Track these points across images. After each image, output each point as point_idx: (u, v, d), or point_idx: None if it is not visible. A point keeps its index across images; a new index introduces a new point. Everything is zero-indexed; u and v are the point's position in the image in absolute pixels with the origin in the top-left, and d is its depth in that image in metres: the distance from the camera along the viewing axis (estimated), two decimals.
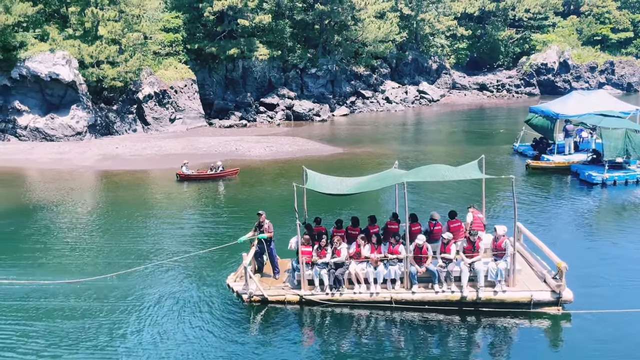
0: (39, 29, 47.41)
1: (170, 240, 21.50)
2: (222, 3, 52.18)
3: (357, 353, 12.30)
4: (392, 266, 14.19)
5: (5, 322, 14.37)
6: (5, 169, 36.56)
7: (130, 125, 49.81)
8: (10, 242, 21.94)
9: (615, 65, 74.72)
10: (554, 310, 13.21)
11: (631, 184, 26.06)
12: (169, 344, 12.86)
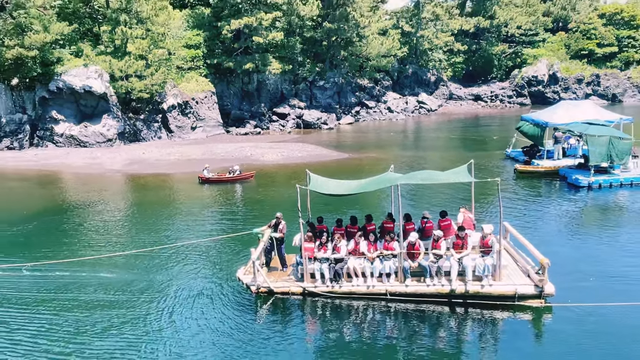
0: (74, 46, 47.84)
1: (191, 234, 21.45)
2: (239, 22, 52.33)
3: (354, 341, 12.34)
4: (387, 261, 14.18)
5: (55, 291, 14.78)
6: (43, 172, 36.94)
7: (155, 132, 49.97)
8: (51, 234, 22.31)
9: (601, 77, 74.10)
10: (537, 303, 13.24)
11: (615, 187, 25.81)
12: (184, 328, 13.09)
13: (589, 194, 25.10)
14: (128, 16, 47.57)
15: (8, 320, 13.96)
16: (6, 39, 42.63)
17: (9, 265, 17.68)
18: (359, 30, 60.79)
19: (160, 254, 18.76)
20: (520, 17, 75.53)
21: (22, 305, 14.83)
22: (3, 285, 16.42)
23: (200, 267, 17.35)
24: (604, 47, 75.13)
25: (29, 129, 45.89)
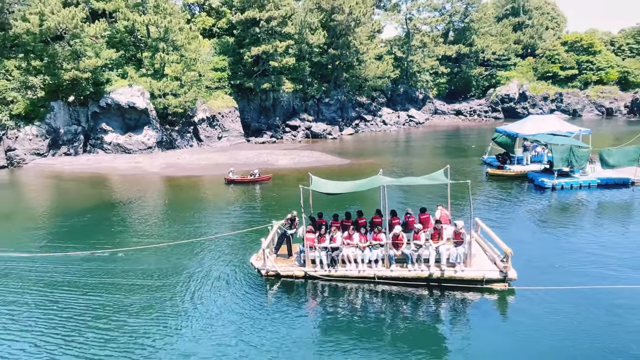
0: (121, 69, 48.14)
1: (217, 226, 21.58)
2: (258, 49, 52.50)
3: (347, 316, 12.41)
4: (375, 250, 14.33)
5: (96, 275, 14.82)
6: (94, 174, 37.23)
7: (187, 141, 50.15)
8: (101, 226, 22.51)
9: (563, 95, 73.60)
10: (501, 286, 13.40)
11: (575, 189, 25.69)
12: (206, 305, 13.20)
13: (553, 194, 24.97)
14: (165, 44, 47.85)
15: (60, 300, 14.07)
16: (64, 63, 42.86)
17: (108, 250, 17.76)
18: (359, 56, 60.75)
19: (191, 243, 18.79)
20: (494, 45, 75.19)
21: (73, 287, 14.93)
22: (58, 270, 16.53)
23: (222, 254, 17.41)
24: (566, 70, 74.62)
25: (83, 138, 46.30)
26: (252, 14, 52.08)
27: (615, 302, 12.32)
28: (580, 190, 25.68)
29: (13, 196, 31.34)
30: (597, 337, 10.79)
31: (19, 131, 43.15)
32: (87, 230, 21.80)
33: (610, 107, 72.79)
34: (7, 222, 24.17)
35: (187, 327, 11.91)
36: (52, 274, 15.98)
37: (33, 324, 12.48)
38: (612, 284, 13.31)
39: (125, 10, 47.27)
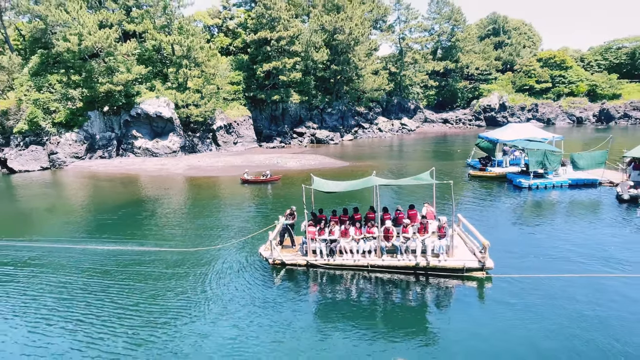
0: (149, 82, 48.44)
1: (233, 220, 21.52)
2: (269, 65, 52.81)
3: (344, 300, 12.44)
4: (368, 242, 14.35)
5: (122, 272, 14.80)
6: (126, 175, 37.38)
7: (207, 146, 50.35)
8: (132, 220, 22.61)
9: (539, 106, 73.29)
10: (480, 274, 13.39)
11: (549, 188, 25.51)
12: (220, 289, 13.25)
13: (529, 193, 24.74)
14: (188, 61, 48.01)
15: (95, 285, 14.15)
16: (100, 78, 43.23)
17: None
18: (357, 71, 60.82)
19: (211, 236, 18.87)
20: (478, 61, 74.94)
21: (107, 275, 15.01)
22: (95, 259, 16.61)
23: (236, 245, 17.44)
24: (541, 83, 74.36)
25: (116, 143, 46.47)
26: (264, 35, 52.49)
27: (581, 289, 12.29)
28: (553, 189, 25.47)
29: (55, 194, 31.43)
30: (562, 319, 10.81)
31: (60, 137, 43.45)
32: (120, 223, 21.87)
33: (580, 116, 72.43)
34: (50, 216, 24.40)
35: (207, 310, 11.95)
36: (88, 263, 16.07)
37: (72, 305, 12.61)
38: (579, 273, 13.28)
39: (153, 32, 47.61)
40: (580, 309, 11.28)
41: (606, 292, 12.12)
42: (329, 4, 57.90)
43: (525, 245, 16.17)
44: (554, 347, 9.67)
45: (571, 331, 10.29)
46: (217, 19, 63.69)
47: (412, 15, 71.89)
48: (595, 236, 16.93)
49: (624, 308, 11.26)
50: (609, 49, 79.04)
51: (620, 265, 13.91)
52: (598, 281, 12.80)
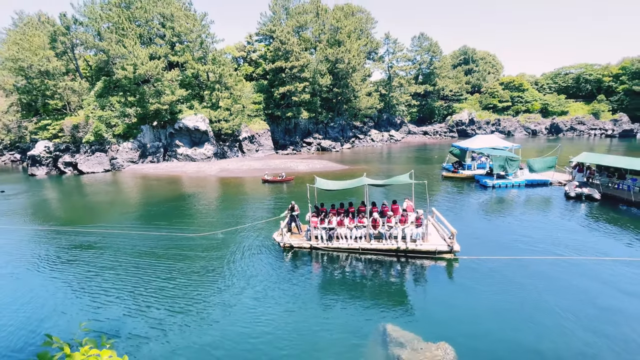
0: (189, 102, 48.56)
1: (255, 210, 21.56)
2: (284, 89, 52.89)
3: (339, 276, 12.41)
4: (360, 229, 14.43)
5: (158, 257, 14.80)
6: (170, 176, 37.47)
7: (235, 153, 50.39)
8: (174, 212, 22.48)
9: (501, 120, 72.42)
10: (449, 256, 13.33)
11: (509, 187, 25.24)
12: (241, 266, 13.22)
13: (493, 191, 24.51)
14: (220, 85, 48.26)
15: (144, 265, 14.14)
16: (150, 99, 43.50)
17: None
18: (354, 93, 60.59)
19: (235, 225, 18.83)
20: (451, 85, 74.26)
21: (154, 256, 14.94)
22: (145, 243, 16.59)
23: (257, 232, 17.42)
24: (502, 102, 73.50)
25: (162, 151, 46.64)
26: (279, 64, 52.53)
27: (530, 268, 12.22)
28: (512, 188, 25.24)
29: (115, 191, 31.64)
30: (514, 290, 10.80)
31: (119, 146, 43.82)
32: (166, 213, 21.99)
33: (534, 129, 71.46)
34: (110, 208, 24.60)
35: (231, 286, 11.94)
36: (140, 245, 16.20)
37: (126, 280, 12.68)
38: (530, 255, 13.17)
39: (192, 62, 47.86)
40: (527, 283, 11.23)
41: (551, 271, 12.02)
42: (331, 40, 57.80)
43: (488, 233, 16.06)
44: (507, 311, 9.72)
45: (521, 298, 10.30)
46: (242, 51, 63.90)
47: (399, 48, 71.36)
48: (546, 226, 16.78)
49: (563, 282, 11.22)
50: (558, 74, 77.95)
51: (566, 249, 13.75)
52: (545, 262, 12.67)
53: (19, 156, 54.99)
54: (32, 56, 42.07)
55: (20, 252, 15.94)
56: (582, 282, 11.12)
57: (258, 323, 9.70)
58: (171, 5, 47.75)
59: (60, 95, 44.71)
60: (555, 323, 9.15)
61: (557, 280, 11.35)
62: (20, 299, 11.51)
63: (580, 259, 12.80)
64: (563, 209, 19.54)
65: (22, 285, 12.58)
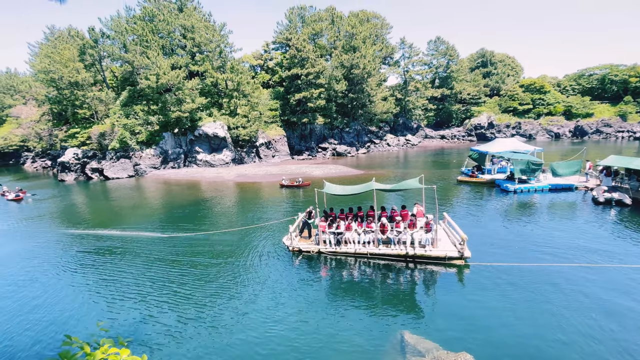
0: (208, 110, 49.62)
1: (271, 213, 21.86)
2: (299, 95, 53.36)
3: (347, 280, 12.41)
4: (368, 234, 14.26)
5: (175, 254, 15.12)
6: (190, 181, 38.29)
7: (252, 158, 51.09)
8: (196, 214, 22.95)
9: (522, 123, 70.65)
10: (460, 262, 13.14)
11: (531, 192, 24.32)
12: (252, 269, 13.43)
13: (514, 196, 23.68)
14: (238, 93, 49.38)
15: (164, 266, 14.49)
16: (172, 107, 44.82)
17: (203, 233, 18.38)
18: (370, 98, 60.43)
19: (252, 227, 19.13)
20: (469, 88, 73.18)
21: (175, 258, 15.37)
22: (166, 244, 17.08)
23: (269, 235, 17.62)
24: (523, 105, 71.83)
25: (183, 157, 47.65)
26: (295, 71, 53.20)
27: (552, 276, 11.79)
28: (535, 193, 24.25)
29: (138, 195, 32.57)
30: (533, 300, 10.57)
31: (142, 152, 45.36)
32: (186, 216, 22.57)
33: (558, 132, 69.37)
34: (134, 211, 25.43)
35: (243, 292, 12.06)
36: (158, 249, 16.75)
37: (144, 284, 13.19)
38: (544, 263, 12.77)
39: (212, 71, 49.16)
40: (544, 290, 10.96)
41: (574, 279, 11.53)
42: (347, 46, 58.06)
43: (506, 239, 15.47)
44: (521, 319, 9.53)
45: (536, 306, 10.07)
46: (259, 60, 65.15)
47: (414, 53, 71.01)
48: (571, 232, 15.92)
49: (586, 291, 10.74)
50: (582, 76, 75.47)
51: (591, 256, 13.12)
52: (562, 269, 12.29)
53: (50, 163, 58.06)
54: (63, 68, 44.60)
55: (47, 255, 16.81)
56: (608, 292, 10.66)
57: (272, 328, 9.77)
58: (192, 17, 49.49)
59: (88, 105, 46.97)
60: (578, 334, 8.78)
61: (579, 289, 10.90)
62: (45, 299, 12.17)
63: (607, 266, 12.21)
64: (591, 215, 18.53)
65: (46, 286, 13.30)
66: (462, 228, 14.83)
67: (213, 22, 52.19)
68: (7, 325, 10.69)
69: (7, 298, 12.53)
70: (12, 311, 11.51)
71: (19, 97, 69.24)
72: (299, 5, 59.82)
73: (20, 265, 15.59)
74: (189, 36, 48.42)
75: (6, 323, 10.80)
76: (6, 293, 12.96)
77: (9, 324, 10.76)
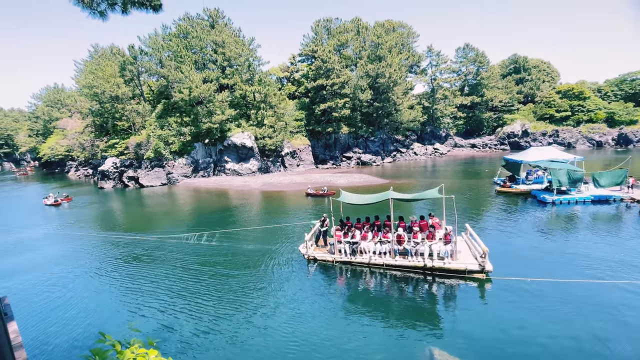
0: (237, 121, 51.09)
1: (297, 220, 22.18)
2: (324, 105, 54.05)
3: (362, 291, 12.43)
4: (384, 244, 14.14)
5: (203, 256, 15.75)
6: (219, 189, 39.38)
7: (277, 168, 51.83)
8: (225, 219, 23.94)
9: (559, 131, 67.24)
10: (480, 276, 12.85)
11: (572, 203, 22.96)
12: (270, 274, 13.75)
13: (553, 208, 22.44)
14: (265, 105, 50.82)
15: (190, 266, 15.19)
16: (203, 119, 46.80)
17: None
18: (396, 107, 59.98)
19: (275, 231, 19.55)
20: (501, 95, 70.90)
21: (200, 257, 15.97)
22: (195, 246, 17.82)
23: (283, 241, 17.85)
24: (560, 112, 68.56)
25: (213, 166, 49.18)
26: (321, 82, 54.05)
27: (581, 293, 11.30)
28: (576, 205, 22.94)
29: (171, 202, 33.94)
30: (546, 315, 10.29)
31: (175, 162, 47.57)
32: (214, 223, 23.36)
33: (600, 140, 65.42)
34: (167, 217, 26.68)
35: (259, 296, 12.36)
36: (188, 254, 17.51)
37: (174, 288, 13.90)
38: (578, 279, 12.12)
39: (241, 84, 50.89)
40: (564, 310, 10.49)
41: (606, 297, 10.88)
42: (372, 55, 58.37)
43: (539, 253, 14.75)
44: (540, 337, 9.26)
45: (564, 324, 9.69)
46: (286, 72, 66.80)
47: (442, 60, 70.10)
48: (612, 247, 14.93)
49: (621, 310, 10.21)
50: (624, 81, 71.09)
51: (633, 273, 12.33)
52: (598, 286, 11.57)
53: (91, 171, 62.35)
54: (105, 83, 48.21)
55: (85, 257, 18.06)
56: None
57: (294, 339, 9.84)
58: (223, 32, 51.99)
59: (127, 117, 50.18)
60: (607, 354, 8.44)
61: (613, 308, 10.37)
62: (81, 300, 13.13)
63: None
64: (638, 229, 17.21)
65: (83, 286, 14.32)
66: (492, 241, 14.38)
67: (242, 37, 54.47)
68: (46, 321, 11.65)
69: (47, 296, 13.66)
70: (52, 309, 12.53)
71: (65, 111, 75.27)
72: (325, 18, 61.18)
73: (60, 267, 16.91)
74: (220, 51, 50.73)
75: (45, 319, 11.79)
76: (47, 292, 14.13)
77: (48, 320, 11.73)
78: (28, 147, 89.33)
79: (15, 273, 16.32)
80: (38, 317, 12.04)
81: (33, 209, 35.42)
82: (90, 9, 7.28)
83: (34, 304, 13.05)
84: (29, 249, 20.31)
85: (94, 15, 7.41)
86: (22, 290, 14.33)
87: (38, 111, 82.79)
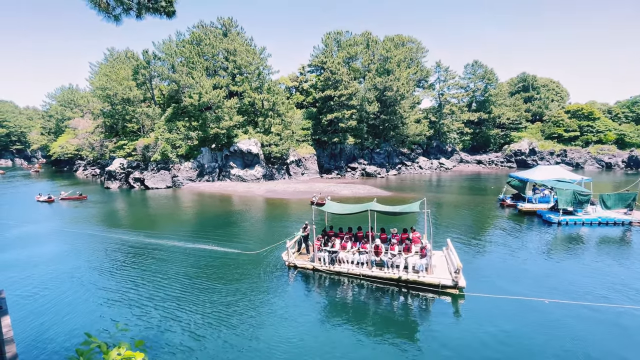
0: (244, 127, 51.84)
1: (295, 230, 21.53)
2: (331, 115, 54.68)
3: (339, 299, 12.49)
4: (362, 255, 14.20)
5: (205, 270, 15.96)
6: (223, 194, 39.94)
7: (282, 175, 52.25)
8: (226, 226, 23.89)
9: (567, 151, 67.01)
10: (453, 291, 12.72)
11: (578, 225, 22.77)
12: (254, 280, 13.93)
13: (558, 228, 22.13)
14: (273, 112, 51.67)
15: (191, 274, 15.34)
16: (211, 124, 47.64)
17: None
18: (402, 120, 60.34)
19: (272, 237, 19.59)
20: (509, 113, 71.14)
21: (195, 267, 16.18)
22: (194, 253, 17.94)
23: (278, 249, 17.83)
24: (569, 132, 68.47)
25: (218, 171, 49.83)
26: (329, 93, 54.89)
27: (559, 314, 11.20)
28: (582, 226, 22.63)
29: (174, 205, 33.97)
30: (520, 332, 10.33)
31: (181, 165, 48.31)
32: (216, 227, 23.51)
33: (609, 161, 64.94)
34: (169, 220, 26.92)
35: (247, 302, 12.46)
36: (184, 258, 17.56)
37: (167, 290, 14.07)
38: (564, 300, 11.97)
39: (250, 91, 52.00)
40: (531, 331, 10.42)
41: (593, 319, 10.82)
42: (381, 69, 59.23)
43: (511, 271, 14.53)
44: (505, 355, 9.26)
45: (531, 345, 9.66)
46: (295, 82, 67.87)
47: (450, 76, 70.73)
48: (612, 270, 14.70)
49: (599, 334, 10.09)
50: (635, 103, 71.01)
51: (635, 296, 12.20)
52: (591, 308, 11.49)
53: (98, 171, 63.51)
54: (118, 86, 49.55)
55: (84, 256, 18.25)
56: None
57: (264, 344, 9.83)
58: (235, 41, 53.37)
59: (137, 119, 51.45)
60: None
61: (594, 330, 10.32)
62: (70, 299, 13.06)
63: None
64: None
65: (73, 285, 14.31)
66: (490, 258, 14.24)
67: (254, 46, 55.78)
68: (37, 320, 11.63)
69: (40, 294, 13.71)
70: (43, 308, 12.45)
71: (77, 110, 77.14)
72: (335, 30, 62.41)
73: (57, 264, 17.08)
74: (231, 58, 52.01)
75: (37, 319, 11.74)
76: (40, 289, 14.13)
77: (39, 319, 11.70)
78: (40, 144, 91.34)
79: (10, 267, 16.58)
80: (29, 312, 12.13)
81: (40, 205, 36.06)
82: (105, 12, 7.59)
83: (25, 299, 13.19)
84: (26, 245, 20.69)
85: (109, 19, 7.51)
86: (13, 284, 14.47)
87: (52, 110, 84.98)
